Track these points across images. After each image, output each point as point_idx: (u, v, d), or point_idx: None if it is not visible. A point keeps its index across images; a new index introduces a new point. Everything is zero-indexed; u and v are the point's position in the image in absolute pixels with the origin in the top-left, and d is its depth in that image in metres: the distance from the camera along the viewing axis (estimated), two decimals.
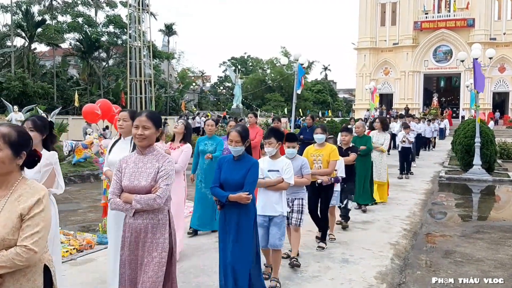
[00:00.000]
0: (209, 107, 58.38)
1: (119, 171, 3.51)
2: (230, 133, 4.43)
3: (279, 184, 4.90)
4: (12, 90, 27.97)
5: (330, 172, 6.27)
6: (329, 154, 6.28)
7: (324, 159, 6.27)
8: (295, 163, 5.46)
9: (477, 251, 6.72)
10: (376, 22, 52.13)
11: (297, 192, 5.62)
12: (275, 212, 4.93)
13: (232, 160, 4.45)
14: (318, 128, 6.47)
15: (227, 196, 4.25)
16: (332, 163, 6.26)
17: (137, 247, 3.43)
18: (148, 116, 3.48)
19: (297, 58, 16.54)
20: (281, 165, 4.94)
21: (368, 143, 8.87)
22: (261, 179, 4.83)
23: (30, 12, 34.86)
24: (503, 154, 19.30)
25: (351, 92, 74.31)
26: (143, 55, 28.58)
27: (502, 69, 46.78)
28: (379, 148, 9.59)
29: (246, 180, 4.30)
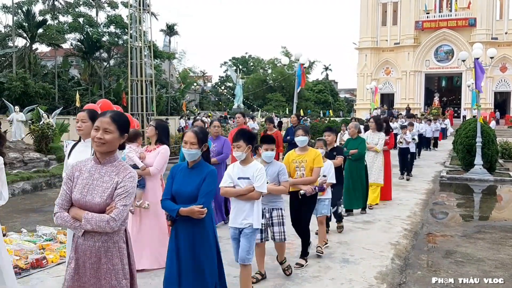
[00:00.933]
0: (210, 107, 58.41)
1: (70, 179, 2.94)
2: (185, 133, 3.98)
3: (250, 193, 4.41)
4: (14, 90, 27.97)
5: (314, 181, 5.65)
6: (312, 160, 5.63)
7: (308, 165, 5.62)
8: (272, 168, 5.01)
9: (478, 251, 6.70)
10: (377, 22, 52.09)
11: (275, 201, 5.11)
12: (246, 223, 4.47)
13: (186, 169, 3.93)
14: (299, 130, 5.77)
15: (178, 210, 3.74)
16: (316, 170, 5.63)
17: (85, 273, 2.88)
18: (111, 117, 2.91)
19: (298, 58, 16.56)
20: (251, 172, 4.45)
21: (361, 146, 8.36)
22: (231, 187, 4.49)
23: (31, 13, 34.87)
24: (504, 154, 19.26)
25: (352, 92, 74.23)
26: (144, 55, 28.58)
27: (504, 68, 46.72)
28: (373, 148, 9.27)
29: (200, 191, 3.77)
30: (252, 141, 4.51)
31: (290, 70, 18.65)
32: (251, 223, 4.45)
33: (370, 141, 9.33)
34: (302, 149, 5.73)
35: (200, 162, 3.91)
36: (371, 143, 9.30)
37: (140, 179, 5.29)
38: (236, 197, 4.50)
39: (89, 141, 4.04)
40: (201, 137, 3.88)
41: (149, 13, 30.22)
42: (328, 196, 6.33)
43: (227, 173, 4.57)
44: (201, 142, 3.87)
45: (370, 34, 51.83)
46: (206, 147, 3.96)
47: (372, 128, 9.52)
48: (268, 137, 5.18)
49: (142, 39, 28.92)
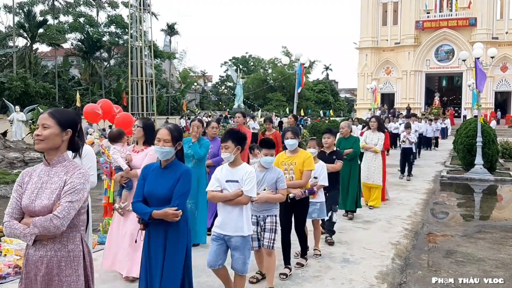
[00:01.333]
0: (211, 107, 58.44)
1: (20, 186, 2.73)
2: (158, 130, 3.78)
3: (238, 198, 4.11)
4: (14, 90, 28.02)
5: (304, 184, 5.37)
6: (302, 162, 5.36)
7: (297, 168, 5.37)
8: (270, 175, 4.76)
9: (479, 251, 6.70)
10: (377, 22, 52.03)
11: (270, 209, 4.83)
12: (235, 231, 4.16)
13: (159, 169, 3.74)
14: (288, 132, 5.51)
15: (150, 213, 3.55)
16: (306, 173, 5.35)
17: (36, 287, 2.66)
18: (50, 113, 2.73)
19: (299, 58, 16.57)
20: (240, 175, 4.16)
21: (355, 146, 8.07)
22: (218, 191, 4.19)
23: (32, 13, 34.91)
24: (505, 154, 19.26)
25: (353, 92, 74.19)
26: (144, 55, 28.58)
27: (504, 68, 46.67)
28: (373, 148, 9.02)
29: (174, 192, 3.58)
30: (241, 142, 4.21)
31: (291, 70, 18.64)
32: (240, 232, 4.17)
33: (369, 141, 9.11)
34: (292, 151, 5.46)
35: (174, 161, 3.73)
36: (370, 143, 9.09)
37: (127, 181, 5.21)
38: (223, 202, 4.20)
39: None
40: (175, 135, 3.70)
41: (149, 13, 30.25)
42: (320, 199, 6.00)
43: (214, 176, 4.28)
44: (175, 140, 3.69)
45: (371, 33, 51.77)
46: (181, 146, 3.78)
47: (373, 127, 9.24)
48: (268, 141, 4.90)
49: (142, 39, 28.91)
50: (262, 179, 4.76)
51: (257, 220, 4.79)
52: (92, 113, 7.33)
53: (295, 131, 5.56)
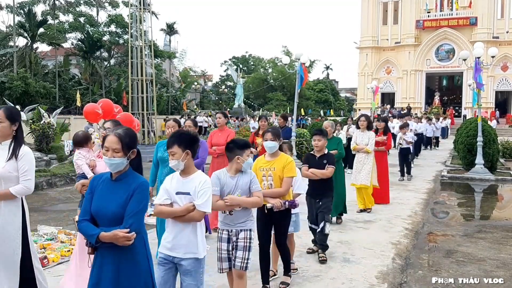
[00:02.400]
0: (211, 107, 58.40)
1: None
2: (105, 137, 3.12)
3: (189, 214, 3.46)
4: (14, 89, 28.03)
5: (284, 193, 4.75)
6: (282, 168, 4.74)
7: (276, 174, 4.76)
8: (244, 179, 4.16)
9: (479, 250, 6.70)
10: (378, 21, 52.03)
11: (244, 222, 4.16)
12: (186, 253, 3.49)
13: (109, 181, 3.12)
14: (268, 133, 4.87)
15: (98, 235, 2.93)
16: (287, 180, 4.74)
17: None
18: None
19: (299, 57, 16.55)
20: (193, 186, 3.50)
21: (339, 147, 7.62)
22: (166, 205, 3.54)
23: (32, 12, 34.90)
24: (505, 153, 19.25)
25: (353, 91, 74.18)
26: (144, 54, 28.58)
27: (505, 67, 46.65)
28: (364, 149, 8.72)
29: (127, 210, 2.98)
30: (191, 146, 3.54)
31: (291, 69, 18.64)
32: (194, 254, 3.51)
33: (360, 141, 8.83)
34: (272, 155, 4.87)
35: (127, 172, 3.12)
36: (360, 143, 8.82)
37: None
38: (173, 218, 3.55)
39: (6, 143, 3.83)
40: (126, 142, 3.08)
41: (149, 12, 30.24)
42: (295, 210, 5.30)
43: (163, 187, 3.62)
44: (127, 147, 3.07)
45: (371, 33, 51.77)
46: (135, 154, 3.16)
47: (363, 127, 8.86)
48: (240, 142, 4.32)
49: (142, 39, 28.91)
50: (235, 186, 4.13)
51: (228, 236, 4.16)
52: (93, 113, 7.32)
53: (276, 132, 4.92)
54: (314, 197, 5.96)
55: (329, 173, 5.91)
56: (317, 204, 5.91)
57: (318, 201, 5.90)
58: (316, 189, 5.97)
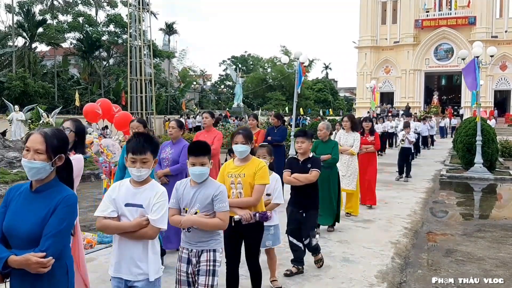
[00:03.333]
0: (210, 106, 58.41)
1: None
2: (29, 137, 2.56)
3: (141, 230, 2.95)
4: (13, 89, 28.04)
5: (254, 203, 4.16)
6: (253, 174, 4.15)
7: (246, 181, 4.15)
8: (204, 191, 3.47)
9: (479, 250, 6.70)
10: (377, 21, 52.03)
11: (207, 241, 3.49)
12: (136, 274, 3.00)
13: (28, 193, 2.55)
14: (238, 135, 4.23)
15: (6, 259, 2.38)
16: (258, 188, 4.14)
17: None
18: None
19: (298, 57, 16.54)
20: (147, 197, 3.00)
21: (334, 151, 7.05)
22: (112, 219, 2.99)
23: (31, 12, 34.90)
24: (504, 152, 19.27)
25: (352, 91, 74.20)
26: (143, 54, 28.58)
27: (504, 67, 46.67)
28: (348, 151, 8.12)
29: (45, 229, 2.42)
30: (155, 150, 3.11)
31: (290, 68, 18.65)
32: (145, 276, 3.01)
33: (344, 142, 8.26)
34: (243, 159, 4.26)
35: (52, 183, 2.56)
36: (344, 144, 8.23)
37: None
38: (120, 234, 3.01)
39: None
40: (53, 144, 2.52)
41: (148, 12, 30.23)
42: (274, 221, 4.85)
43: (108, 197, 3.07)
44: (53, 151, 2.52)
45: (370, 32, 51.76)
46: (63, 160, 2.59)
47: (347, 128, 8.32)
48: (198, 144, 3.59)
49: (141, 38, 28.89)
50: (193, 199, 3.48)
51: (188, 257, 3.50)
52: (92, 113, 7.32)
53: (247, 134, 4.28)
54: (297, 208, 5.31)
55: (313, 177, 5.25)
56: (300, 216, 5.27)
57: (301, 212, 5.28)
58: (300, 198, 5.34)
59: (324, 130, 7.18)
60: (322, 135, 7.20)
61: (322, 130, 7.18)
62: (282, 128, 9.98)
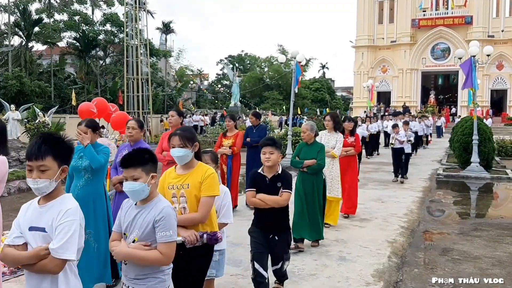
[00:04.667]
0: (207, 106, 58.38)
1: None
2: None
3: (39, 262, 2.35)
4: (9, 89, 27.94)
5: (201, 220, 3.38)
6: (199, 184, 3.38)
7: (191, 193, 3.37)
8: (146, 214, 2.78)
9: (475, 248, 6.70)
10: (374, 20, 52.14)
11: (143, 278, 2.81)
12: None
13: None
14: (174, 137, 3.46)
15: None
16: (206, 201, 3.36)
17: None
18: None
19: (295, 56, 16.53)
20: (50, 217, 2.41)
21: (320, 156, 6.26)
22: (15, 247, 2.43)
23: (27, 11, 34.79)
24: (501, 152, 19.31)
25: (349, 90, 74.27)
26: (140, 53, 28.52)
27: (500, 66, 46.83)
28: (329, 153, 7.21)
29: None
30: (67, 158, 2.52)
31: (287, 68, 18.64)
32: None
33: (325, 143, 7.29)
34: (186, 166, 3.46)
35: None
36: (326, 146, 7.17)
37: None
38: (23, 267, 2.47)
39: None
40: None
41: (145, 11, 30.18)
42: (220, 245, 3.91)
43: (16, 221, 2.53)
44: None
45: (367, 32, 51.87)
46: None
47: (329, 127, 7.51)
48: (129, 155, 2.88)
49: (138, 37, 28.83)
50: (133, 222, 2.82)
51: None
52: (87, 112, 7.30)
53: (186, 135, 3.46)
54: (267, 231, 4.31)
55: (283, 201, 4.23)
56: (272, 241, 4.29)
57: (272, 236, 4.30)
58: (268, 221, 4.31)
59: (308, 132, 6.39)
60: (306, 137, 6.44)
61: (306, 131, 6.40)
62: (261, 128, 9.28)
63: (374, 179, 13.35)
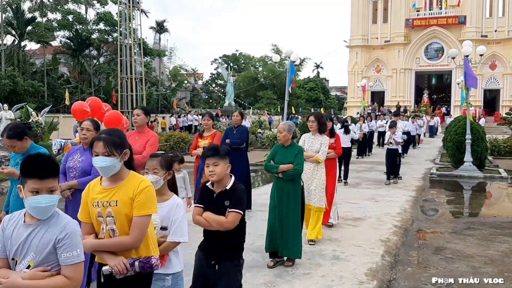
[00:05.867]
0: (202, 105, 58.32)
1: None
2: None
3: None
4: (2, 88, 27.79)
5: (134, 244, 2.75)
6: (129, 200, 2.74)
7: (121, 212, 2.74)
8: (43, 233, 2.29)
9: (468, 247, 6.73)
10: (368, 20, 52.25)
11: None
12: None
13: None
14: (98, 142, 2.78)
15: None
16: (139, 222, 2.73)
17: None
18: None
19: (289, 55, 16.54)
20: None
21: (297, 160, 5.50)
22: None
23: (20, 10, 34.60)
24: (494, 151, 19.41)
25: (344, 90, 74.41)
26: (134, 52, 28.43)
27: (494, 66, 47.05)
28: (313, 157, 6.43)
29: None
30: None
31: (281, 67, 18.66)
32: None
33: (308, 147, 6.55)
34: (113, 178, 2.80)
35: None
36: (309, 150, 6.52)
37: None
38: None
39: None
40: None
41: (139, 10, 30.09)
42: (172, 268, 3.30)
43: None
44: None
45: (361, 32, 51.97)
46: None
47: (313, 129, 6.64)
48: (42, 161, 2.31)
49: (132, 37, 28.74)
50: (25, 245, 2.30)
51: None
52: (81, 111, 7.25)
53: (112, 141, 2.77)
54: (208, 256, 3.47)
55: (228, 224, 3.35)
56: (212, 270, 3.41)
57: (213, 263, 3.41)
58: (211, 241, 3.48)
59: (285, 133, 5.61)
60: (282, 138, 5.66)
61: (283, 132, 5.62)
62: (242, 129, 8.59)
63: (367, 178, 13.39)
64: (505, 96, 46.80)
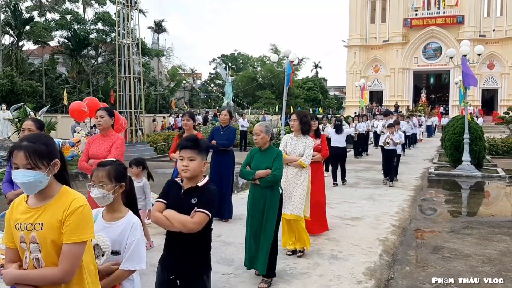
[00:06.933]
0: (200, 105, 58.31)
1: None
2: None
3: None
4: (0, 88, 27.75)
5: (64, 278, 2.19)
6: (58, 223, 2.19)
7: (46, 238, 2.19)
8: None
9: (466, 246, 6.74)
10: (366, 20, 52.32)
11: None
12: None
13: None
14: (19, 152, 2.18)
15: None
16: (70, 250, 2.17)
17: None
18: None
19: (287, 55, 16.56)
20: None
21: (276, 164, 4.92)
22: None
23: (18, 10, 34.55)
24: (492, 150, 19.45)
25: (342, 90, 74.45)
26: (132, 52, 28.42)
27: (491, 66, 47.14)
28: (296, 162, 5.83)
29: None
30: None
31: (280, 67, 18.63)
32: None
33: (291, 150, 5.93)
34: (41, 194, 2.25)
35: None
36: (292, 153, 5.91)
37: None
38: None
39: None
40: None
41: (137, 10, 30.06)
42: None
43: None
44: None
45: (359, 31, 52.04)
46: None
47: (295, 129, 5.99)
48: None
49: (130, 36, 28.75)
50: None
51: None
52: (78, 111, 7.26)
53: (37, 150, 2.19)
54: (168, 269, 2.99)
55: (192, 225, 2.83)
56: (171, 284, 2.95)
57: (173, 278, 2.95)
58: (173, 250, 3.01)
59: (263, 135, 5.03)
60: (259, 141, 5.07)
61: (260, 134, 5.03)
62: (229, 129, 7.96)
63: (366, 178, 13.40)
64: (503, 96, 46.91)
